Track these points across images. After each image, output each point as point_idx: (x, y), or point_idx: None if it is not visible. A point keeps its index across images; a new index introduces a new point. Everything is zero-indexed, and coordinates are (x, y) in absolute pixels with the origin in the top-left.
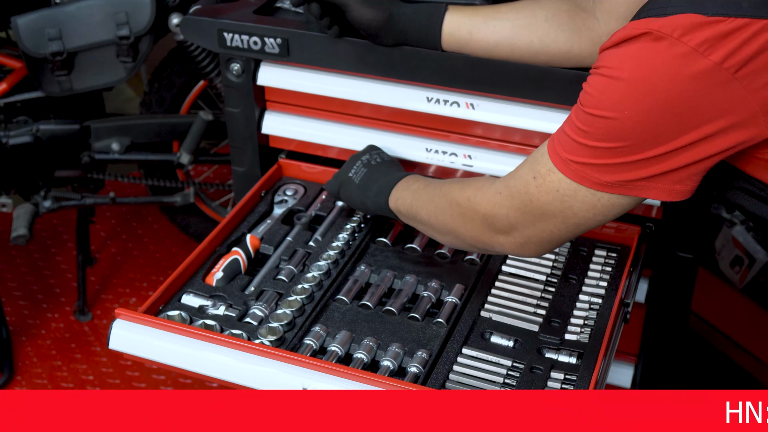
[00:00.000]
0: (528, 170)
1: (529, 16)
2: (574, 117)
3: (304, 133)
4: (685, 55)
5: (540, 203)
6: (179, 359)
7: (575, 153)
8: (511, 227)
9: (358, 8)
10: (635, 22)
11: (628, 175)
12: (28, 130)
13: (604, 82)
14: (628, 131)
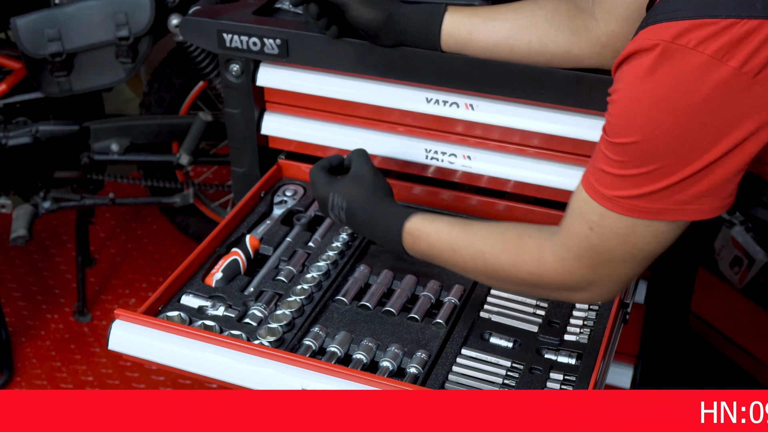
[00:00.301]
0: (580, 224)
1: (529, 16)
2: (605, 150)
3: (303, 133)
4: (704, 64)
5: (607, 251)
6: (179, 360)
7: (618, 187)
8: (589, 284)
9: (357, 8)
10: (645, 32)
11: (677, 197)
12: (28, 130)
13: (626, 107)
14: (662, 150)
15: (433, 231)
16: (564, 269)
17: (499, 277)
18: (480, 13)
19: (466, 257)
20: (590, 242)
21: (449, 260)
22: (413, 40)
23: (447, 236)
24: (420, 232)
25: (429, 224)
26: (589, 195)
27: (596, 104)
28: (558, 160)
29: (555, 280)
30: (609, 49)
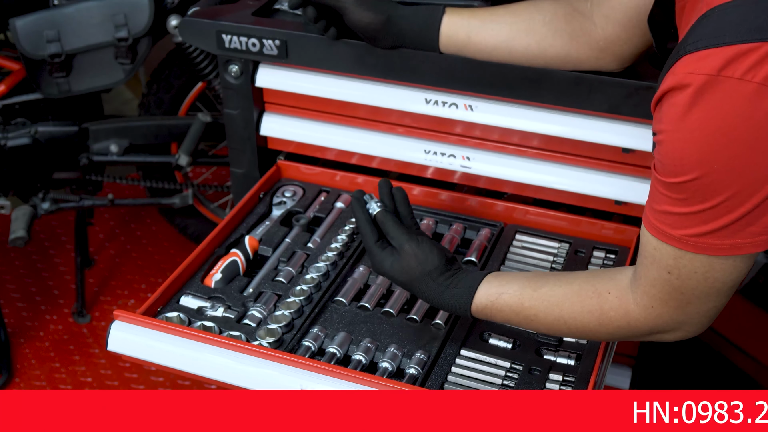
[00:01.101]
0: (657, 270)
1: (527, 20)
2: (664, 190)
3: (302, 134)
4: (754, 93)
5: (689, 290)
6: (178, 361)
7: (686, 226)
8: (680, 324)
9: (355, 11)
10: (683, 64)
11: (749, 230)
12: (27, 131)
13: (676, 146)
14: (724, 183)
15: (503, 306)
16: (653, 317)
17: (587, 336)
18: (478, 16)
19: (546, 324)
20: (672, 285)
21: (531, 327)
22: (412, 43)
23: (519, 307)
24: (490, 311)
25: (497, 300)
26: (658, 239)
27: (595, 105)
28: (557, 160)
29: (646, 329)
30: (608, 53)
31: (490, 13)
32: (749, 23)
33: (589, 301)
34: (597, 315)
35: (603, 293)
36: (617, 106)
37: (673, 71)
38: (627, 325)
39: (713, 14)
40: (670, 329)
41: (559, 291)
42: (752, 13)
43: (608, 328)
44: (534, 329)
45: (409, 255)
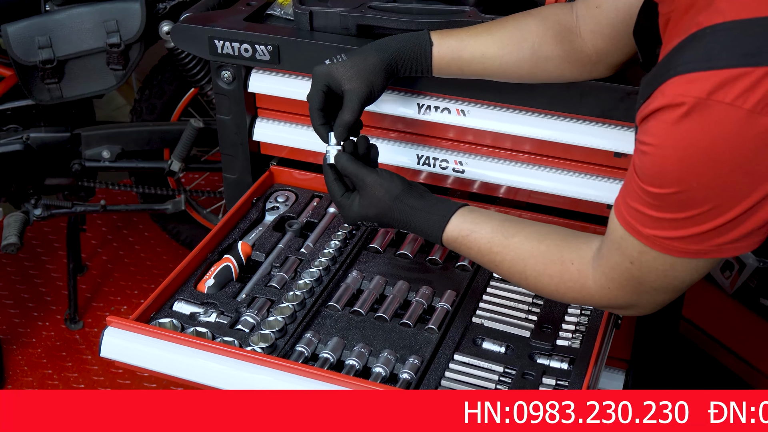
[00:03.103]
0: (620, 257)
1: (516, 51)
2: (641, 193)
3: (295, 140)
4: (742, 119)
5: (648, 282)
6: (171, 367)
7: (656, 228)
8: (632, 305)
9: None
10: (674, 85)
11: (717, 240)
12: (19, 138)
13: (660, 161)
14: (701, 199)
15: (473, 245)
16: (608, 296)
17: (544, 294)
18: (466, 49)
19: (508, 274)
20: (631, 274)
21: (488, 261)
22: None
23: (487, 250)
24: (459, 244)
25: (467, 236)
26: (626, 231)
27: (587, 110)
28: (549, 165)
29: (599, 304)
30: (601, 65)
31: (478, 45)
32: (742, 48)
33: (552, 266)
34: (556, 281)
35: (566, 262)
36: (609, 111)
37: (663, 91)
38: (581, 297)
39: (705, 35)
40: (622, 308)
41: (528, 246)
42: (745, 37)
43: (564, 296)
44: (495, 272)
45: (373, 187)
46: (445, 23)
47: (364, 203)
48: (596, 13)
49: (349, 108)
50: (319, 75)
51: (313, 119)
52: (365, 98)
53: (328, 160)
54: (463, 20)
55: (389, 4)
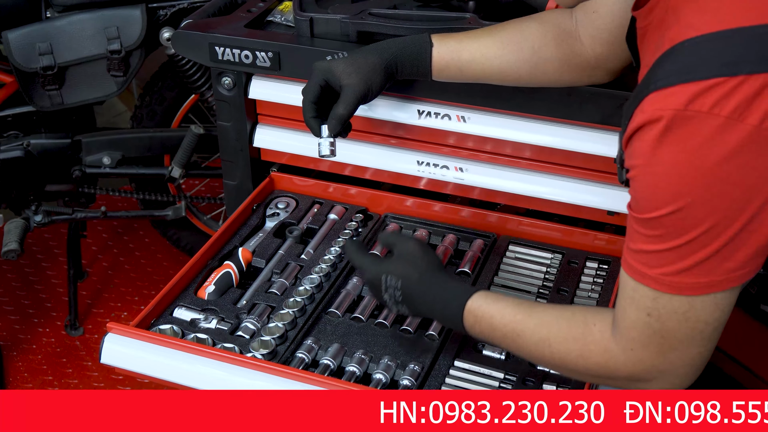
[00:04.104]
0: (636, 312)
1: (516, 51)
2: (640, 228)
3: (295, 146)
4: (721, 126)
5: (671, 333)
6: (171, 373)
7: (663, 264)
8: (661, 373)
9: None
10: (652, 101)
11: (725, 266)
12: (19, 144)
13: (649, 181)
14: (698, 216)
15: (496, 312)
16: (632, 360)
17: (567, 367)
18: (466, 49)
19: (530, 344)
20: (652, 328)
21: (512, 344)
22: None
23: (511, 319)
24: (483, 312)
25: (492, 304)
26: (635, 280)
27: (587, 116)
28: (549, 171)
29: (624, 372)
30: (600, 70)
31: (479, 45)
32: (720, 58)
33: (576, 329)
34: (580, 345)
35: (590, 324)
36: (609, 117)
37: (642, 108)
38: (605, 363)
39: (683, 49)
40: (652, 378)
41: (553, 313)
42: (723, 48)
43: (588, 363)
44: (517, 348)
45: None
46: (445, 30)
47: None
48: (594, 18)
49: (345, 102)
50: (319, 69)
51: (305, 111)
52: (362, 95)
53: (321, 152)
54: (463, 27)
55: (389, 11)
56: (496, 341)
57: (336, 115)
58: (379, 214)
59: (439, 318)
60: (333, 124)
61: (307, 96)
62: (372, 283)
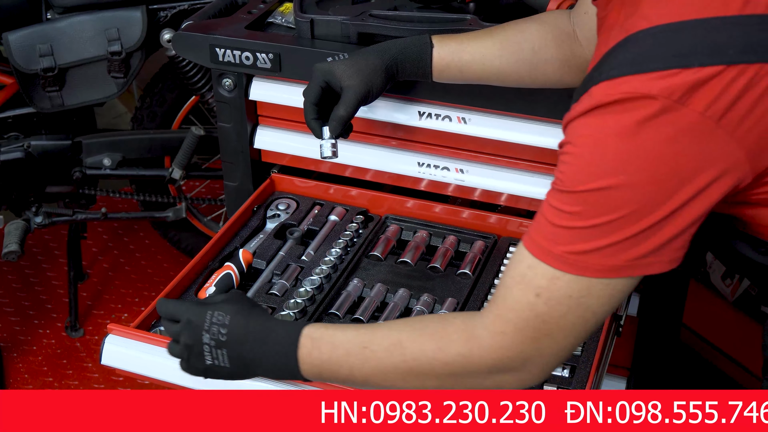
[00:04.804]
0: (523, 291)
1: (516, 52)
2: (557, 204)
3: (296, 147)
4: (668, 108)
5: (555, 320)
6: (172, 374)
7: (571, 241)
8: (525, 361)
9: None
10: (602, 87)
11: (633, 252)
12: (20, 145)
13: (588, 153)
14: (625, 198)
15: (337, 330)
16: (500, 345)
17: (422, 367)
18: (467, 50)
19: (380, 351)
20: (535, 311)
21: (357, 361)
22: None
23: (355, 333)
24: (322, 334)
25: (331, 327)
26: (536, 257)
27: None
28: (550, 173)
29: (488, 360)
30: None
31: (479, 46)
32: (673, 50)
33: (434, 325)
34: (438, 337)
35: (449, 318)
36: None
37: (590, 94)
38: (468, 352)
39: (637, 39)
40: (514, 367)
41: (404, 319)
42: (677, 40)
43: (448, 356)
44: (361, 364)
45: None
46: (446, 31)
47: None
48: (585, 20)
49: (346, 104)
50: (320, 71)
51: (307, 113)
52: (362, 97)
53: (323, 154)
54: (464, 28)
55: (390, 12)
56: (337, 364)
57: (337, 117)
58: (379, 215)
59: (268, 354)
60: (334, 125)
61: (308, 97)
62: (190, 324)
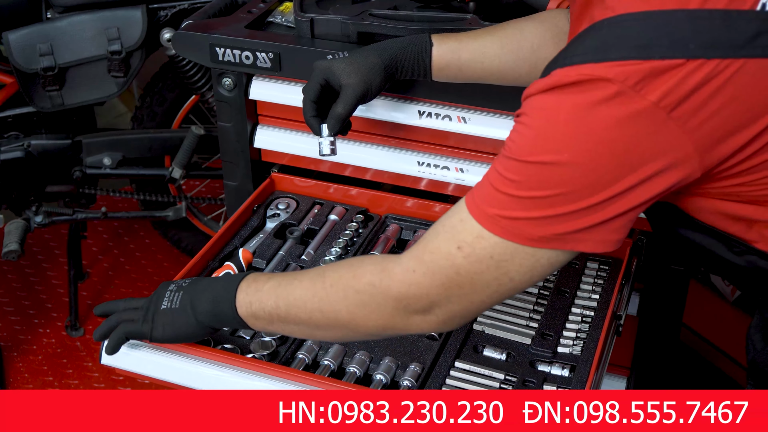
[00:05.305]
0: (447, 241)
1: (515, 50)
2: (502, 170)
3: (296, 147)
4: (622, 94)
5: (470, 274)
6: (171, 374)
7: (506, 207)
8: (432, 305)
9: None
10: (566, 69)
11: (566, 226)
12: (20, 145)
13: (541, 125)
14: (567, 176)
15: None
16: (408, 281)
17: (336, 294)
18: (466, 48)
19: (306, 280)
20: (452, 261)
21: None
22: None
23: (292, 272)
24: (262, 275)
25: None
26: (470, 213)
27: None
28: None
29: (396, 293)
30: None
31: (478, 44)
32: (634, 40)
33: (354, 258)
34: (356, 266)
35: (364, 258)
36: None
37: (552, 74)
38: (379, 282)
39: (601, 28)
40: (420, 308)
41: (320, 268)
42: (639, 30)
43: (359, 281)
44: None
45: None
46: (445, 31)
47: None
48: None
49: (344, 101)
50: (319, 69)
51: (305, 110)
52: (361, 95)
53: (321, 151)
54: (463, 27)
55: (390, 12)
56: (267, 294)
57: (335, 115)
58: (379, 214)
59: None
60: (332, 123)
61: (307, 95)
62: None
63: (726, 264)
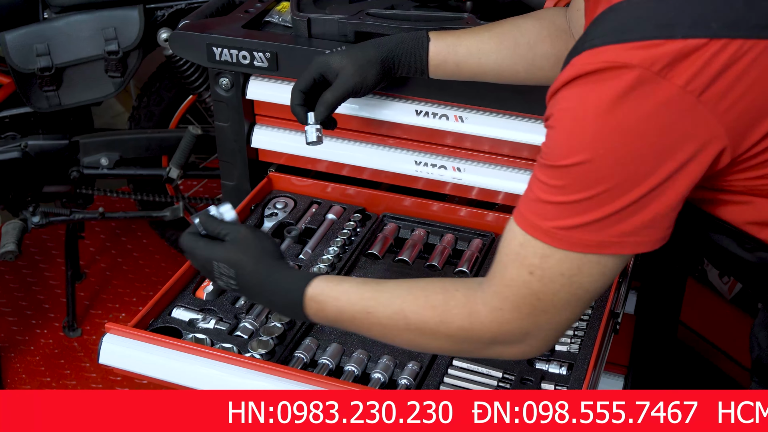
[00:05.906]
0: (517, 269)
1: (512, 47)
2: (544, 178)
3: (293, 146)
4: (649, 80)
5: (548, 297)
6: (169, 373)
7: (558, 217)
8: (525, 335)
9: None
10: (585, 56)
11: (620, 227)
12: (17, 145)
13: (569, 128)
14: (608, 171)
15: (341, 294)
16: (499, 320)
17: (425, 337)
18: (463, 44)
19: (384, 318)
20: (530, 288)
21: (363, 324)
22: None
23: (358, 298)
24: (326, 297)
25: (335, 287)
26: (527, 234)
27: None
28: None
29: (488, 334)
30: None
31: (476, 41)
32: (656, 20)
33: (435, 296)
34: (440, 311)
35: (450, 290)
36: None
37: (573, 64)
38: (470, 326)
39: (620, 9)
40: (514, 340)
41: (404, 285)
42: (660, 9)
43: (450, 328)
44: (368, 328)
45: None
46: (443, 30)
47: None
48: (579, 16)
49: (335, 89)
50: (317, 63)
51: (292, 98)
52: (353, 85)
53: (308, 139)
54: (461, 26)
55: (387, 11)
56: (345, 325)
57: (323, 101)
58: (377, 214)
59: (280, 309)
60: (320, 110)
61: (297, 85)
62: (204, 269)
63: (735, 260)
